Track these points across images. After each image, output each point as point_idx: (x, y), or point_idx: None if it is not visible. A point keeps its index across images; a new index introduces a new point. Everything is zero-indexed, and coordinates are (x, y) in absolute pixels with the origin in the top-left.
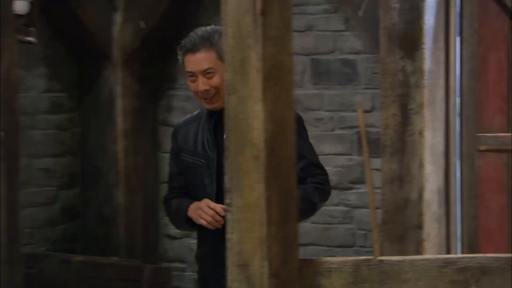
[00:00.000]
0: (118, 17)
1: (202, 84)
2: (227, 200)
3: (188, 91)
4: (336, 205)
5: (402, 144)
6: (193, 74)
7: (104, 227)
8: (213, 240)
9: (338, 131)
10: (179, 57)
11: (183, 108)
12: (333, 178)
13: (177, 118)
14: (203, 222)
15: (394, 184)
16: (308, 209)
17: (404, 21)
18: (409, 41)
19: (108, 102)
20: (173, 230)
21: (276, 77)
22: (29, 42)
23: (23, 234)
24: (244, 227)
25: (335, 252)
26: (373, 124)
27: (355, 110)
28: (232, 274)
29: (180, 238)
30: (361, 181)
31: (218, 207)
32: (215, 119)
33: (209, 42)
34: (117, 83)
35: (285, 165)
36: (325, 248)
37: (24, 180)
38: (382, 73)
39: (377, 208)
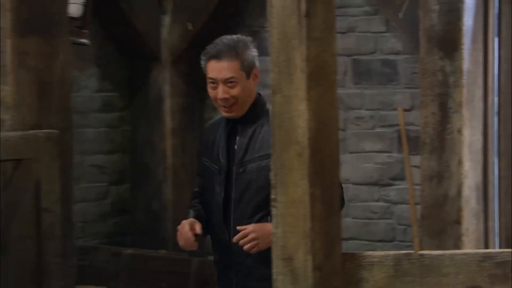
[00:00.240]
0: (166, 19)
1: (222, 92)
2: (272, 196)
3: None
4: (377, 200)
5: (441, 142)
6: (214, 81)
7: (152, 221)
8: (219, 247)
9: (378, 129)
10: (202, 62)
11: None
12: (373, 175)
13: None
14: (180, 243)
15: (433, 180)
16: None
17: (444, 22)
18: (448, 42)
19: (156, 101)
20: None
21: (320, 77)
22: (83, 44)
23: (76, 228)
24: (288, 222)
25: (376, 247)
26: (412, 123)
27: (395, 109)
28: (277, 267)
29: None
30: (400, 177)
31: (188, 233)
32: (230, 127)
33: (234, 51)
34: (166, 83)
35: (329, 162)
36: (366, 242)
37: (77, 176)
38: (421, 73)
39: (417, 204)
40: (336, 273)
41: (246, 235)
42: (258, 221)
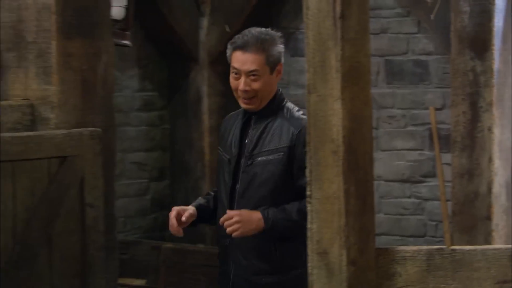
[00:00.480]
0: (205, 22)
1: (244, 84)
2: (307, 192)
3: None
4: (408, 197)
5: (471, 140)
6: (237, 72)
7: None
8: (221, 237)
9: (410, 128)
10: (228, 51)
11: None
12: (405, 172)
13: None
14: (170, 230)
15: (463, 177)
16: (304, 221)
17: (474, 23)
18: (479, 43)
19: (195, 100)
20: None
21: (354, 77)
22: (125, 45)
23: (117, 222)
24: (323, 218)
25: (407, 242)
26: (443, 121)
27: (426, 108)
28: (313, 262)
29: None
30: (432, 174)
31: (173, 219)
32: (246, 119)
33: (261, 45)
34: (204, 83)
35: (363, 160)
36: (398, 237)
37: (119, 173)
38: (452, 73)
39: (448, 200)
40: (370, 267)
41: (231, 218)
42: None
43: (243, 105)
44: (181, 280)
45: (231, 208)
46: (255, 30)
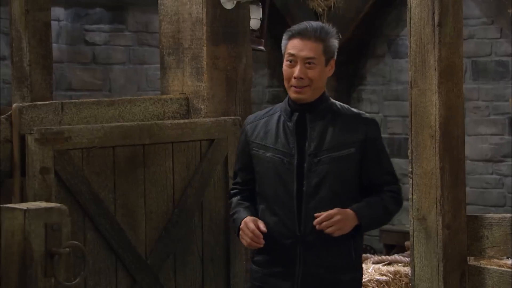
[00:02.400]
0: None
1: (299, 71)
2: (409, 169)
3: (374, 85)
4: (491, 174)
5: None
6: (293, 59)
7: None
8: (282, 239)
9: (492, 117)
10: (284, 40)
11: (369, 99)
12: (488, 153)
13: (366, 108)
14: (243, 243)
15: None
16: (386, 216)
17: None
18: None
19: None
20: None
21: (449, 74)
22: (260, 50)
23: None
24: (422, 190)
25: (490, 211)
26: None
27: (506, 100)
28: (413, 226)
29: None
30: (510, 155)
31: (256, 230)
32: (297, 117)
33: (320, 34)
34: None
35: (455, 143)
36: (481, 207)
37: None
38: None
39: None
40: (462, 231)
41: (330, 218)
42: None
43: (293, 95)
44: None
45: (299, 208)
46: (312, 22)
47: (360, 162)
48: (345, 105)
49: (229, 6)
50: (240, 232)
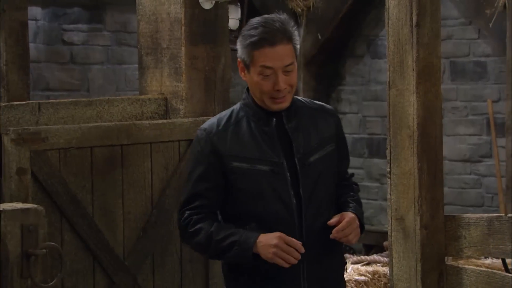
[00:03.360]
0: (301, 32)
1: (283, 83)
2: (387, 169)
3: (353, 86)
4: (469, 174)
5: None
6: (269, 72)
7: None
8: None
9: (470, 117)
10: (245, 48)
11: (349, 100)
12: (466, 153)
13: (345, 108)
14: (279, 262)
15: None
16: (361, 209)
17: None
18: None
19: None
20: None
21: (427, 75)
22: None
23: None
24: (400, 190)
25: (467, 211)
26: (499, 112)
27: (484, 101)
28: (391, 226)
29: None
30: (488, 155)
31: (298, 244)
32: (276, 122)
33: (287, 34)
34: (300, 81)
35: (434, 143)
36: (460, 207)
37: None
38: (507, 71)
39: (502, 176)
40: (440, 231)
41: (350, 224)
42: (332, 214)
43: (274, 106)
44: None
45: (300, 220)
46: (267, 18)
47: (337, 156)
48: (306, 98)
49: (207, 6)
50: (274, 249)
